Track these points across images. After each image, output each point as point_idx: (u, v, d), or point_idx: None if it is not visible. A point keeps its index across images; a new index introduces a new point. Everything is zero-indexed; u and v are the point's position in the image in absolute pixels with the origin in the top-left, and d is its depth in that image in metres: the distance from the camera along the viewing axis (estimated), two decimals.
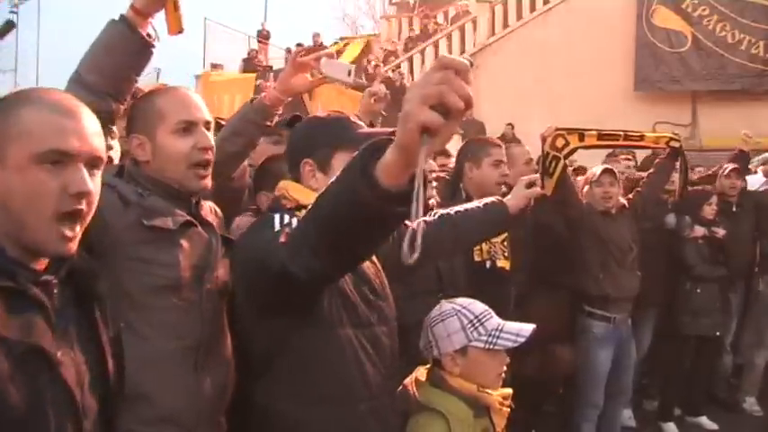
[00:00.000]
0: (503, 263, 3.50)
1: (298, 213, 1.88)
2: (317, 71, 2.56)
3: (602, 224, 4.35)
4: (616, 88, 15.74)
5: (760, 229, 5.82)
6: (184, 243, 1.98)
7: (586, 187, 4.52)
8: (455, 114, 1.14)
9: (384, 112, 3.10)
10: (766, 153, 7.49)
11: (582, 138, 4.22)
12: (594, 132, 4.32)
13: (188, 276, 1.96)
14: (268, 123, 2.55)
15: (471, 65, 1.20)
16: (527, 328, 2.16)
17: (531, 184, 2.79)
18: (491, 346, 2.14)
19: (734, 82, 15.39)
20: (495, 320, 2.19)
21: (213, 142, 2.06)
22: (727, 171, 5.68)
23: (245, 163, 2.67)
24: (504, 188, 3.54)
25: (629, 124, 12.91)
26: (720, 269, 5.27)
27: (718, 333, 5.36)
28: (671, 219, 5.31)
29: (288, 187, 2.04)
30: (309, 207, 1.54)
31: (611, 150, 6.03)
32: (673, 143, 4.64)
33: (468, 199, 3.29)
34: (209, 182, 2.06)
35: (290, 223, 1.81)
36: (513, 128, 13.55)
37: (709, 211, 5.26)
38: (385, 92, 2.73)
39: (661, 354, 5.49)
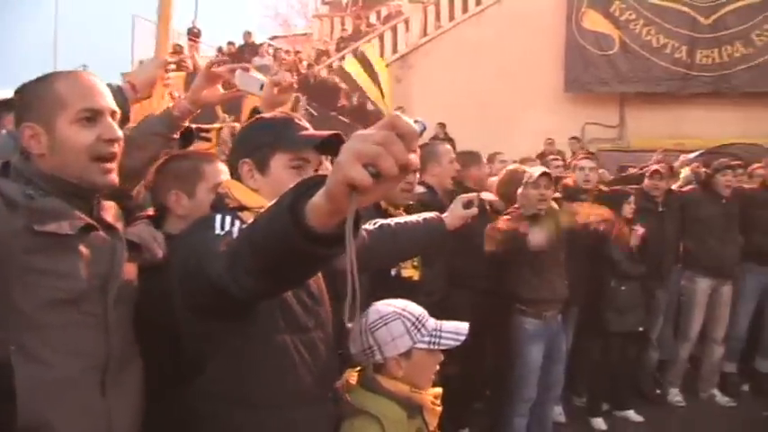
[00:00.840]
0: (410, 272, 3.45)
1: (240, 214, 1.81)
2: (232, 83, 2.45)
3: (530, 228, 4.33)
4: (547, 89, 15.90)
5: (684, 227, 5.93)
6: (84, 249, 1.76)
7: (521, 189, 4.46)
8: (388, 178, 1.09)
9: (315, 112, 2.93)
10: (691, 154, 7.62)
11: None
12: None
13: (89, 287, 1.77)
14: (175, 136, 2.37)
15: (423, 131, 1.14)
16: (464, 327, 2.17)
17: (469, 203, 2.78)
18: (435, 347, 2.15)
19: (659, 84, 15.73)
20: (432, 321, 2.18)
21: (121, 134, 1.88)
22: (649, 172, 5.73)
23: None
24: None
25: (560, 125, 14.20)
26: (641, 267, 5.33)
27: (641, 329, 5.45)
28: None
29: (230, 186, 1.95)
30: (247, 225, 1.47)
31: (541, 151, 5.95)
32: None
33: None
34: (115, 177, 1.86)
35: (230, 232, 1.70)
36: (444, 128, 13.63)
37: (629, 210, 5.30)
38: (290, 81, 2.57)
39: (588, 351, 5.54)
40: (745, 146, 10.51)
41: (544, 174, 4.33)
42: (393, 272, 3.29)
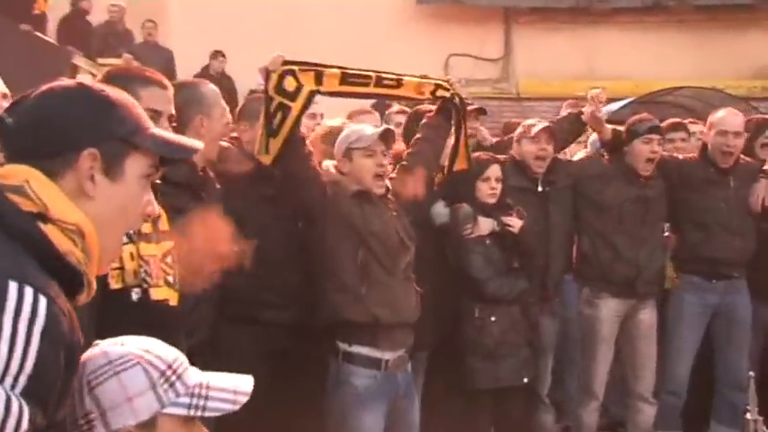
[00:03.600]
0: (165, 293, 2.68)
1: (42, 226, 1.42)
2: None
3: (360, 212, 3.77)
4: (389, 1, 12.83)
5: (579, 219, 4.86)
6: None
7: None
8: None
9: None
10: (611, 105, 6.53)
11: (320, 79, 3.74)
12: (338, 72, 3.80)
13: None
14: None
15: None
16: (245, 382, 1.73)
17: None
18: (196, 413, 1.70)
19: None
20: (194, 372, 1.73)
21: None
22: (534, 132, 4.70)
23: None
24: None
25: (411, 57, 10.79)
26: (520, 281, 4.39)
27: (526, 379, 4.48)
28: (440, 209, 4.36)
29: (31, 177, 1.46)
30: None
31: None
32: (440, 92, 4.10)
33: None
34: None
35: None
36: (221, 59, 11.43)
37: (487, 190, 4.38)
38: None
39: (445, 419, 4.57)
40: (697, 91, 9.31)
41: (385, 132, 3.87)
42: (135, 294, 2.66)
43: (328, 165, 3.86)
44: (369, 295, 3.74)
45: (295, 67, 3.66)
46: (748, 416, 4.34)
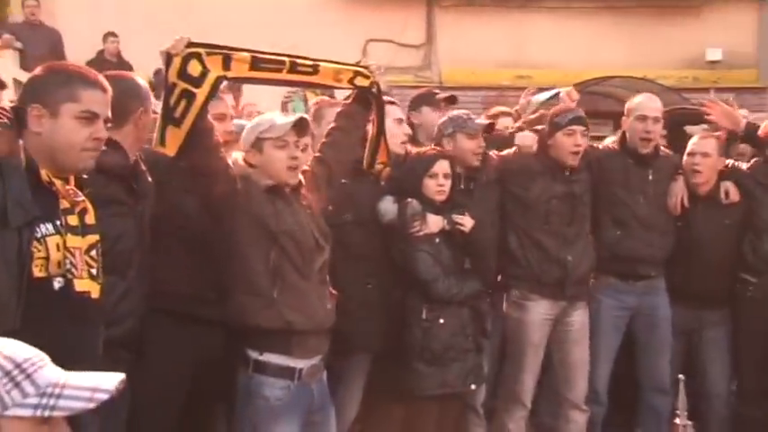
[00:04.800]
0: (87, 285, 2.84)
1: None
2: None
3: (272, 210, 3.57)
4: None
5: (504, 214, 4.82)
6: None
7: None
8: None
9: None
10: (540, 95, 6.49)
11: (228, 64, 3.53)
12: (247, 56, 3.62)
13: None
14: None
15: None
16: (107, 380, 1.70)
17: None
18: (45, 413, 1.65)
19: None
20: (50, 370, 1.70)
21: None
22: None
23: None
24: None
25: (328, 42, 9.91)
26: (471, 282, 4.42)
27: (474, 386, 4.50)
28: (387, 206, 4.36)
29: None
30: None
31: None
32: (359, 80, 3.94)
33: None
34: None
35: None
36: (113, 41, 10.89)
37: (434, 187, 4.39)
38: None
39: (391, 420, 4.60)
40: (628, 80, 9.27)
41: (299, 121, 3.69)
42: (57, 283, 2.78)
43: (236, 156, 3.78)
44: (281, 299, 3.60)
45: (201, 50, 3.52)
46: (678, 420, 4.49)
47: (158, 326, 3.55)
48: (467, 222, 4.30)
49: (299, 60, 3.82)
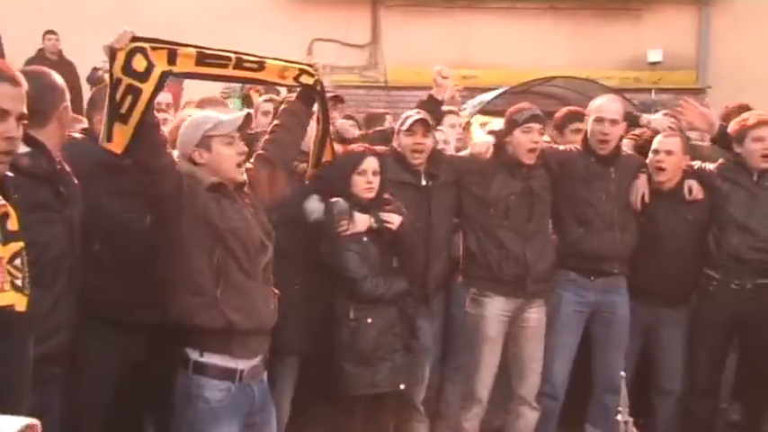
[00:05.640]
0: (11, 298, 2.59)
1: None
2: None
3: (217, 208, 3.48)
4: None
5: (462, 213, 4.84)
6: None
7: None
8: None
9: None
10: (484, 95, 6.45)
11: (173, 58, 3.48)
12: (193, 51, 3.55)
13: None
14: None
15: None
16: (9, 425, 1.79)
17: None
18: None
19: None
20: None
21: None
22: (407, 124, 4.75)
23: None
24: None
25: (272, 42, 9.75)
26: (399, 281, 4.36)
27: (403, 386, 4.41)
28: (314, 204, 4.35)
29: None
30: None
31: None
32: (304, 78, 3.91)
33: None
34: None
35: None
36: (53, 39, 10.71)
37: (363, 185, 4.38)
38: None
39: (321, 422, 4.62)
40: (571, 81, 9.43)
41: (246, 118, 3.73)
42: None
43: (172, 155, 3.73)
44: (224, 299, 3.51)
45: (146, 45, 3.44)
46: (619, 417, 4.26)
47: (90, 334, 3.45)
48: (394, 220, 4.27)
49: (244, 57, 3.78)
